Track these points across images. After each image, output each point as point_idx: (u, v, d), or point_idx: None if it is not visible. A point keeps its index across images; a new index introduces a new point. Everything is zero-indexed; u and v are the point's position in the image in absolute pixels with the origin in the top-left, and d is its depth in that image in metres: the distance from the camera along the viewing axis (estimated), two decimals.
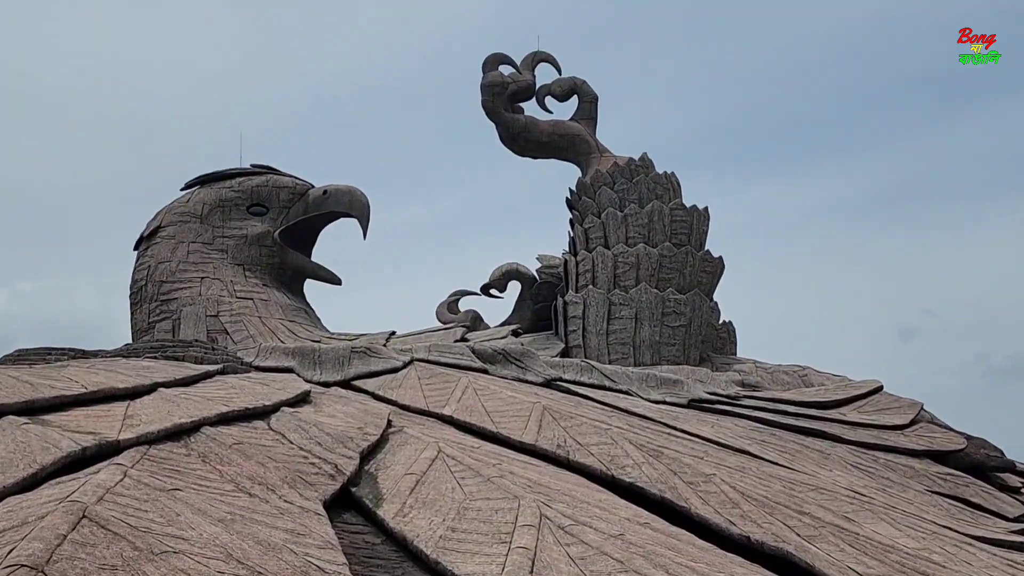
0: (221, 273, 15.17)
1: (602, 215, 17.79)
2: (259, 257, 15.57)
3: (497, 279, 20.67)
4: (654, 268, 16.91)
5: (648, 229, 17.34)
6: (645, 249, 17.05)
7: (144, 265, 15.36)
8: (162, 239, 15.45)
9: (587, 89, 20.05)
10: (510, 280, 20.62)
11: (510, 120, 19.77)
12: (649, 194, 17.90)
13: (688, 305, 16.77)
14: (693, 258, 17.25)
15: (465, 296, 21.46)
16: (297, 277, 16.28)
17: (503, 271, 20.59)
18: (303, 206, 16.06)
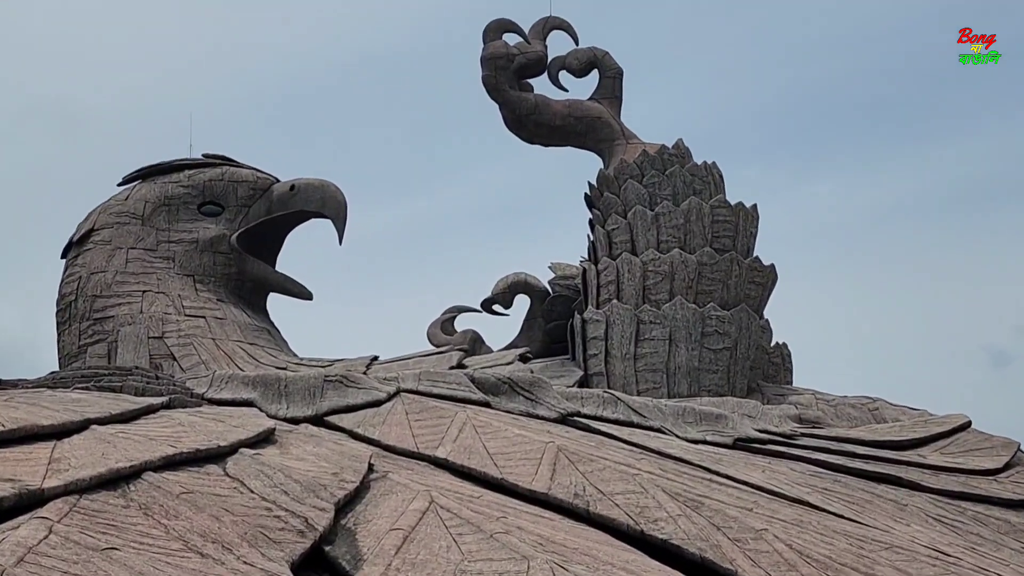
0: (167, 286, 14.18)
1: (628, 214, 16.18)
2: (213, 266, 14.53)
3: (502, 292, 19.35)
4: (692, 279, 15.39)
5: (684, 231, 15.76)
6: (681, 255, 15.49)
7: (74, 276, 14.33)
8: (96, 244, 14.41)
9: (609, 62, 18.38)
10: (517, 293, 19.17)
11: (517, 100, 18.13)
12: (686, 189, 16.26)
13: (733, 324, 15.25)
14: (739, 266, 15.69)
15: (463, 313, 20.04)
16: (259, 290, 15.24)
17: (509, 283, 19.22)
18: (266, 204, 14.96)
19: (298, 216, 15.39)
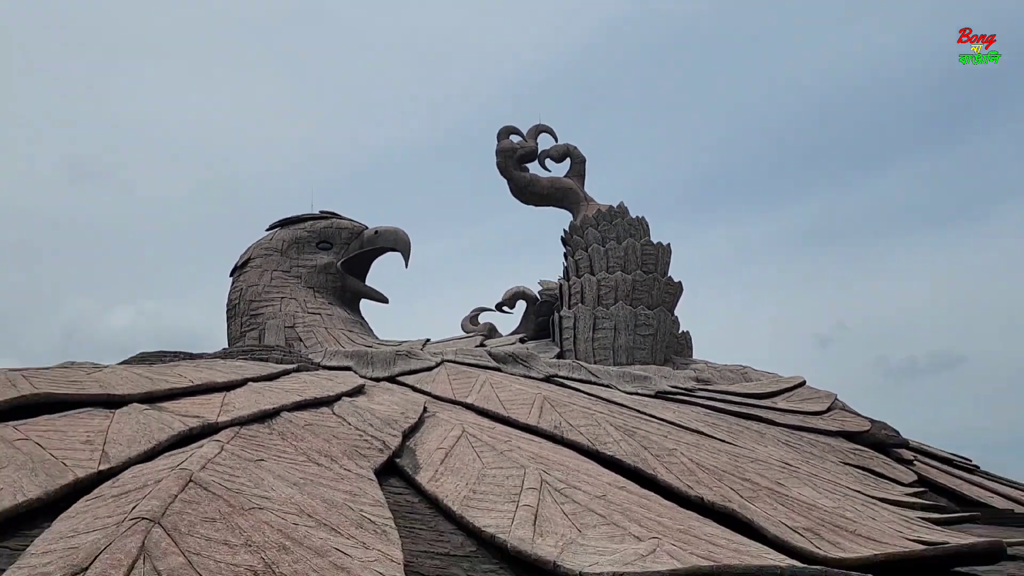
0: (296, 294, 15.38)
1: (588, 250, 19.18)
2: (325, 282, 15.78)
3: (508, 299, 22.50)
4: (629, 290, 18.24)
5: (624, 260, 18.68)
6: (622, 276, 18.38)
7: (237, 288, 15.70)
8: (251, 268, 15.80)
9: (577, 153, 21.25)
10: (518, 299, 22.46)
11: (518, 177, 20.96)
12: (624, 234, 19.14)
13: (655, 319, 18.10)
14: (658, 283, 18.69)
15: (483, 312, 22.99)
16: (354, 297, 16.54)
17: (512, 293, 22.37)
18: (359, 243, 16.44)
19: (379, 250, 17.16)
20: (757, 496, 8.23)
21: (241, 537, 4.36)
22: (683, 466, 8.94)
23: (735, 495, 8.00)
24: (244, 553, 4.11)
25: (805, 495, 8.97)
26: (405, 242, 16.66)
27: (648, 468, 8.62)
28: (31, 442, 6.24)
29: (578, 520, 6.30)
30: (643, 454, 9.19)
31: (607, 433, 10.01)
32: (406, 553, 5.01)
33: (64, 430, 6.90)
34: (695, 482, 8.35)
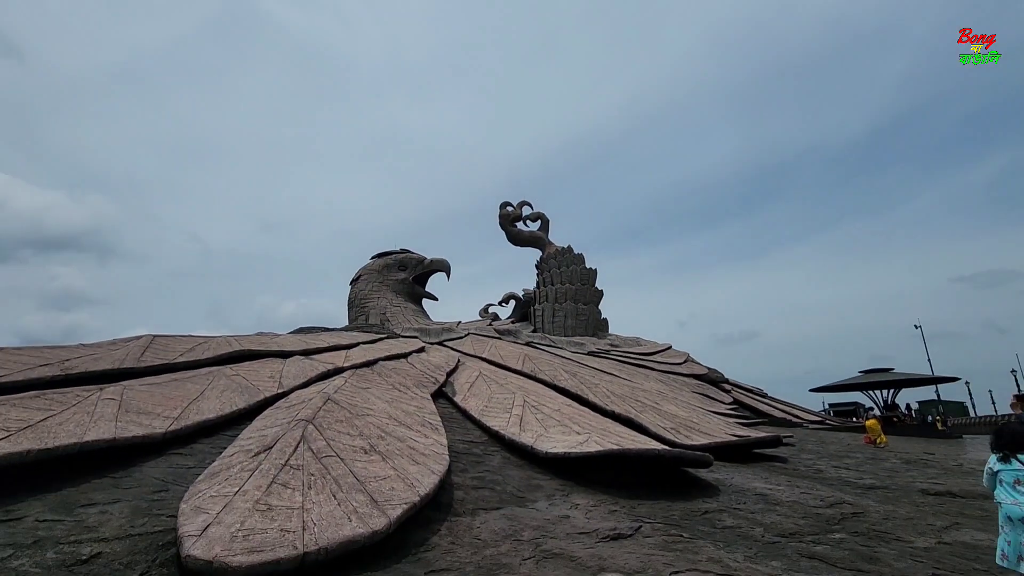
0: (386, 296, 15.13)
1: (550, 272, 18.89)
2: (402, 289, 15.48)
3: (504, 299, 22.45)
4: (572, 295, 17.97)
5: (570, 277, 18.44)
6: (569, 287, 18.18)
7: (354, 291, 15.39)
8: (362, 280, 15.49)
9: (544, 217, 20.86)
10: (510, 299, 22.28)
11: (512, 231, 20.59)
12: (570, 262, 18.86)
13: (587, 311, 17.80)
14: (589, 291, 18.29)
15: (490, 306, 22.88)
16: (418, 298, 16.06)
17: (507, 295, 22.35)
18: (421, 267, 16.10)
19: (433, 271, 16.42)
20: (645, 410, 8.20)
21: (356, 431, 4.34)
22: (603, 393, 8.94)
23: (632, 409, 7.97)
24: (359, 439, 4.09)
25: (671, 410, 8.99)
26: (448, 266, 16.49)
27: (584, 394, 8.56)
28: (240, 376, 6.25)
29: (544, 423, 6.30)
30: (581, 386, 9.15)
31: (561, 374, 9.98)
32: (448, 439, 5.00)
33: (258, 370, 6.86)
34: (610, 402, 8.28)
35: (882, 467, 6.68)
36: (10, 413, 3.57)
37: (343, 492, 2.93)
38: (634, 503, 4.10)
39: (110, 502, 2.98)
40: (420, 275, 16.30)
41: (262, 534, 2.34)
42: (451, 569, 2.60)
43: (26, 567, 2.25)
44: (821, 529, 3.70)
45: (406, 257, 16.31)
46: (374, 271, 15.78)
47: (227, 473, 3.09)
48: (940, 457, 7.89)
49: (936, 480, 5.76)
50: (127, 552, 2.45)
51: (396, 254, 16.36)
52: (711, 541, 3.31)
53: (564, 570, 2.68)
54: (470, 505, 3.67)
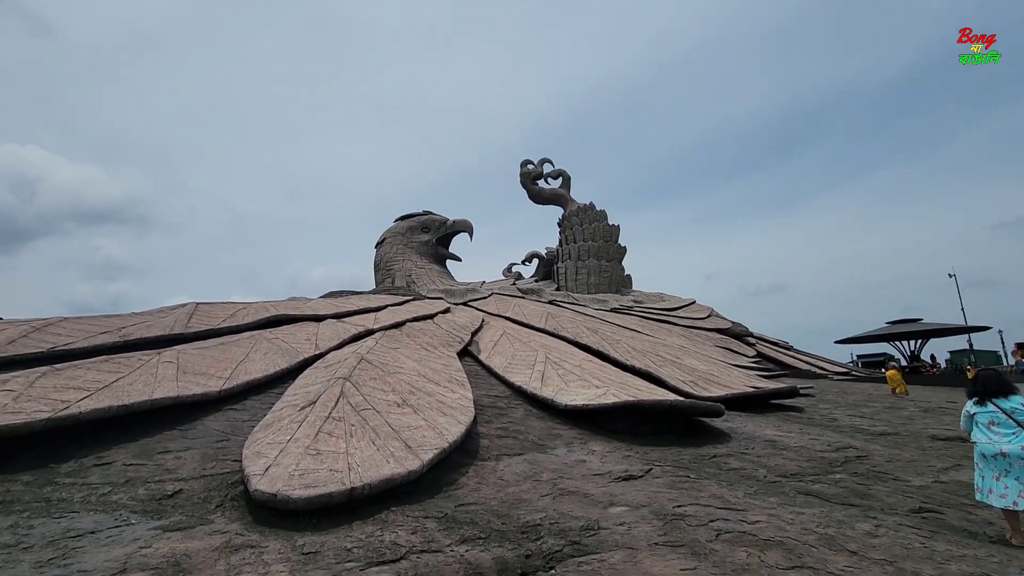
0: (411, 258, 15.36)
1: (572, 230, 18.78)
2: (426, 251, 15.69)
3: (527, 257, 22.42)
4: (595, 252, 17.93)
5: (592, 235, 18.33)
6: (592, 244, 18.09)
7: (380, 254, 15.68)
8: (386, 243, 15.76)
9: (565, 174, 20.63)
10: (533, 257, 22.11)
11: (533, 189, 20.53)
12: (593, 219, 18.73)
13: (610, 268, 17.79)
14: (612, 247, 18.21)
15: (513, 265, 22.91)
16: (442, 258, 16.23)
17: (529, 254, 22.26)
18: (444, 228, 16.29)
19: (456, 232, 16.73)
20: (665, 364, 8.40)
21: (389, 387, 4.74)
22: (624, 349, 9.12)
23: (652, 364, 8.17)
24: (391, 394, 4.48)
25: (692, 363, 9.09)
26: (470, 227, 16.77)
27: (605, 350, 8.78)
28: (280, 340, 6.73)
29: (565, 378, 6.59)
30: (602, 343, 9.36)
31: (583, 331, 10.20)
32: (474, 394, 5.33)
33: (295, 333, 7.34)
34: (630, 357, 8.51)
35: (898, 415, 6.84)
36: (87, 375, 4.07)
37: (381, 439, 3.33)
38: (647, 449, 4.43)
39: (182, 450, 3.46)
40: (443, 236, 16.43)
41: (314, 473, 2.75)
42: (477, 503, 2.98)
43: (124, 500, 2.72)
44: (822, 470, 3.97)
45: (429, 219, 16.47)
46: (398, 234, 15.99)
47: (279, 424, 3.52)
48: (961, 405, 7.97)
49: (949, 427, 5.91)
50: (203, 489, 2.91)
51: (419, 216, 16.54)
52: (715, 481, 3.62)
53: (578, 504, 3.04)
54: (494, 452, 4.05)
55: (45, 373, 3.88)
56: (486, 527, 2.60)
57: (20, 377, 3.72)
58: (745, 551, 2.45)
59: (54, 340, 5.53)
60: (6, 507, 2.58)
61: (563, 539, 2.53)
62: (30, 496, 2.70)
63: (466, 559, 2.25)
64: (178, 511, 2.64)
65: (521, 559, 2.32)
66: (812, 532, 2.71)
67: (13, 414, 3.08)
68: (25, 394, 3.42)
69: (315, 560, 2.16)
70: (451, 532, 2.51)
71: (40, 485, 2.83)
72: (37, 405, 3.29)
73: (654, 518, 2.85)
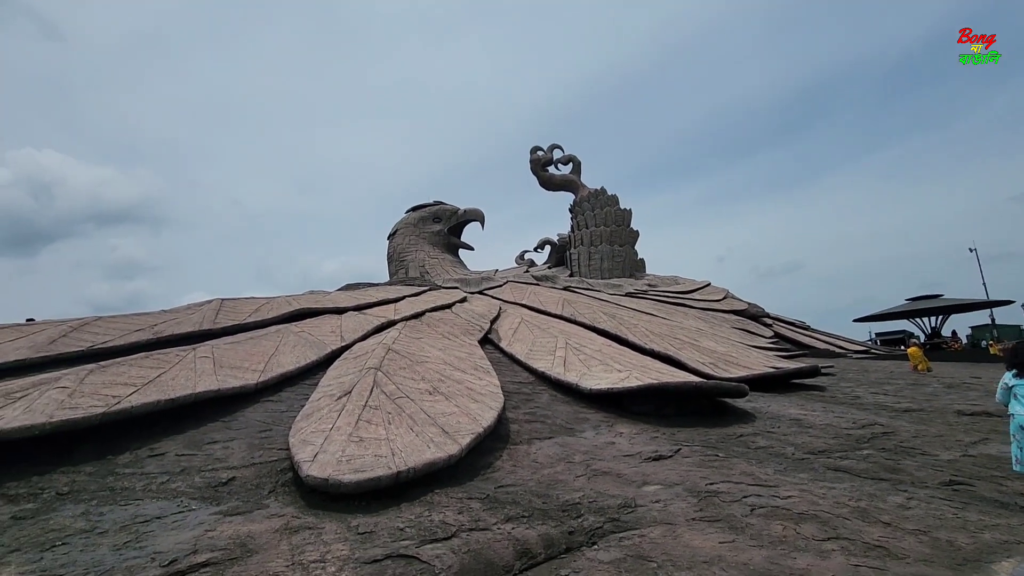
0: (423, 248, 15.34)
1: (584, 215, 18.73)
2: (438, 240, 15.67)
3: (539, 244, 22.42)
4: (608, 237, 17.88)
5: (604, 220, 18.29)
6: (604, 229, 18.05)
7: (392, 245, 15.70)
8: (399, 234, 15.75)
9: (576, 159, 20.53)
10: (545, 244, 22.13)
11: (543, 175, 20.47)
12: (604, 204, 18.64)
13: (623, 252, 17.73)
14: (624, 232, 18.14)
15: (526, 252, 22.92)
16: (454, 248, 16.21)
17: (542, 240, 22.19)
18: (456, 217, 16.23)
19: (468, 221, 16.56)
20: (683, 347, 8.41)
21: (419, 375, 4.86)
22: (642, 332, 9.16)
23: (671, 347, 8.17)
24: (422, 383, 4.60)
25: (710, 345, 9.13)
26: (482, 215, 16.71)
27: (623, 335, 8.83)
28: (306, 333, 6.88)
29: (587, 363, 6.66)
30: (620, 327, 9.39)
31: (600, 317, 10.23)
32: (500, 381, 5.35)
33: (319, 326, 7.49)
34: (648, 340, 8.53)
35: (922, 392, 6.84)
36: (131, 371, 4.24)
37: (418, 426, 3.45)
38: (674, 430, 4.52)
39: (228, 440, 3.61)
40: (455, 226, 16.41)
41: (360, 459, 2.87)
42: (515, 484, 3.09)
43: (182, 488, 2.87)
44: (850, 447, 4.03)
45: (440, 209, 16.45)
46: (410, 224, 16.05)
47: (319, 414, 3.65)
48: (985, 381, 7.90)
49: (975, 402, 5.91)
50: (255, 476, 3.05)
51: (430, 206, 16.54)
52: (744, 459, 3.70)
53: (612, 484, 3.14)
54: (525, 436, 4.16)
55: (92, 370, 4.05)
56: (528, 506, 2.71)
57: (71, 375, 3.89)
58: (780, 524, 2.54)
59: (92, 339, 5.73)
60: (75, 496, 2.74)
61: (602, 516, 2.63)
62: (95, 485, 2.86)
63: (513, 536, 2.36)
64: (234, 497, 2.79)
65: (565, 535, 2.42)
66: (845, 505, 2.78)
67: (71, 409, 3.24)
68: (78, 390, 3.58)
69: (371, 539, 2.28)
70: (495, 511, 2.62)
71: (102, 475, 2.99)
72: (91, 400, 3.45)
73: (688, 495, 2.94)
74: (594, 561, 2.21)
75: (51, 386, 3.62)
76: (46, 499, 2.71)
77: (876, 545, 2.31)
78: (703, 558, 2.19)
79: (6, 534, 2.35)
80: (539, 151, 20.43)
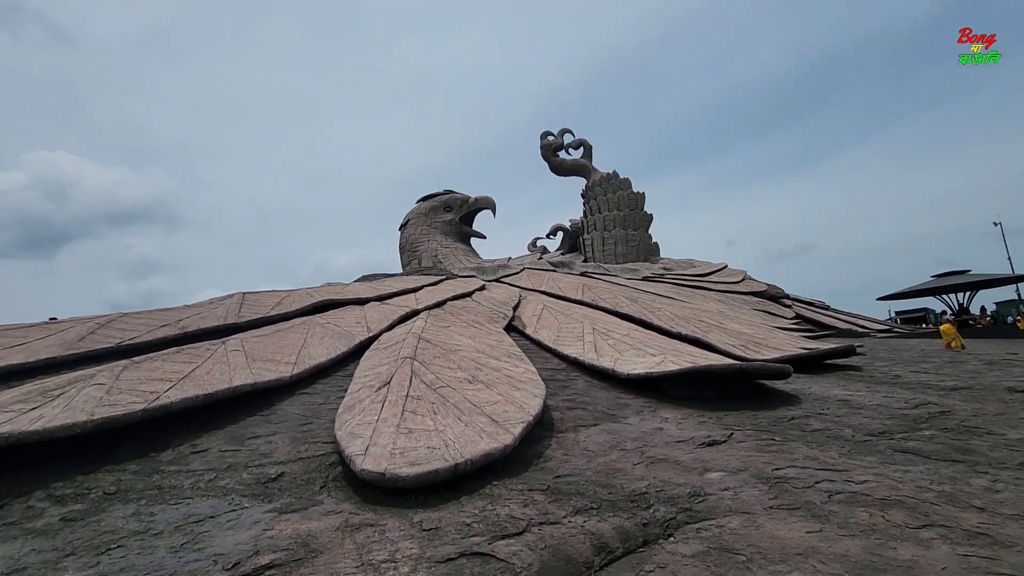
0: (435, 238, 15.25)
1: (597, 199, 18.43)
2: (450, 230, 15.58)
3: (551, 231, 22.01)
4: (621, 221, 17.58)
5: (617, 204, 17.98)
6: (617, 213, 17.74)
7: (404, 236, 15.64)
8: (410, 224, 15.69)
9: (587, 143, 20.20)
10: (558, 230, 21.78)
11: (554, 161, 20.17)
12: (617, 188, 18.31)
13: (637, 237, 17.43)
14: (638, 216, 17.81)
15: (538, 239, 22.63)
16: (466, 237, 16.16)
17: (554, 227, 21.92)
18: (467, 206, 16.09)
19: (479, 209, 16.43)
20: (710, 330, 8.21)
21: (454, 364, 4.73)
22: (667, 316, 8.97)
23: (698, 330, 7.97)
24: (459, 372, 4.47)
25: (736, 328, 8.89)
26: (493, 204, 16.52)
27: (647, 319, 8.68)
28: (332, 324, 6.79)
29: (617, 348, 6.50)
30: (643, 311, 9.22)
31: (621, 301, 10.07)
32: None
33: (344, 317, 7.40)
34: (675, 324, 8.34)
35: (963, 369, 6.62)
36: (164, 366, 4.15)
37: (466, 416, 3.32)
38: (720, 414, 4.36)
39: (269, 434, 3.50)
40: (466, 215, 16.26)
41: (414, 451, 2.75)
42: (573, 474, 2.96)
43: (231, 485, 2.76)
44: (909, 428, 3.85)
45: (451, 198, 16.28)
46: (421, 214, 15.89)
47: (360, 406, 3.54)
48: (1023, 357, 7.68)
49: (1022, 378, 5.70)
50: (303, 471, 2.94)
51: (441, 196, 16.36)
52: (803, 443, 3.54)
53: (673, 471, 3.00)
54: (570, 423, 4.03)
55: (126, 367, 3.96)
56: (594, 497, 2.57)
57: (105, 371, 3.80)
58: (866, 511, 2.38)
59: (120, 335, 5.66)
60: (123, 495, 2.64)
61: (673, 506, 2.49)
62: (142, 484, 2.76)
63: (587, 529, 2.22)
64: (285, 493, 2.68)
65: (640, 527, 2.28)
66: (928, 490, 2.62)
67: (111, 406, 3.14)
68: (115, 387, 3.49)
69: (439, 536, 2.15)
70: (562, 503, 2.49)
71: (148, 474, 2.89)
72: (129, 397, 3.35)
73: (757, 482, 2.79)
74: (676, 555, 2.07)
75: (87, 383, 3.53)
76: (94, 499, 2.61)
77: (978, 532, 2.14)
78: (795, 550, 2.04)
79: (58, 537, 2.25)
80: (550, 136, 20.09)
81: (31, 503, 2.58)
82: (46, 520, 2.41)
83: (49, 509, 2.52)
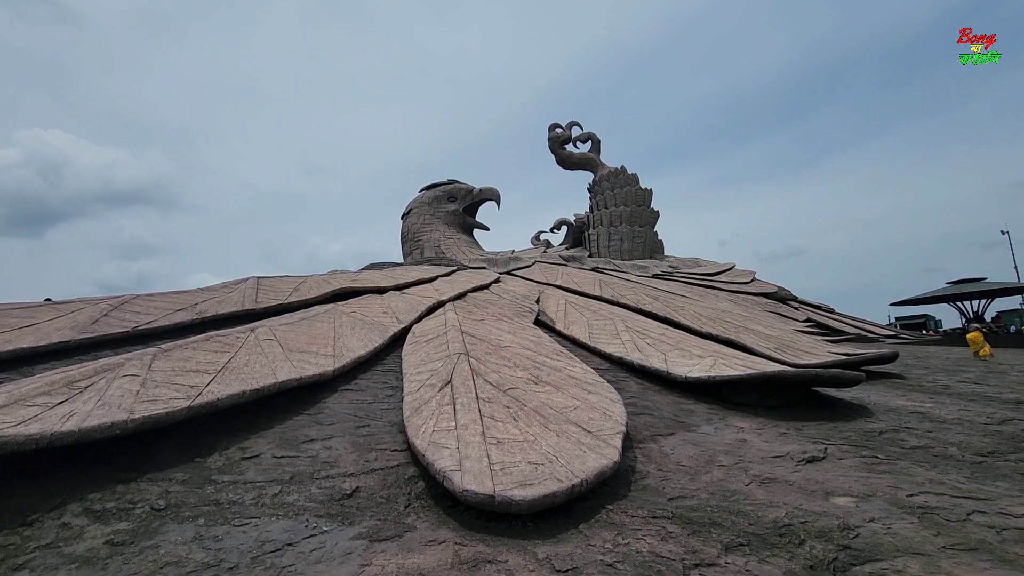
0: (438, 228, 14.79)
1: (604, 194, 17.90)
2: (453, 220, 15.14)
3: (555, 225, 21.44)
4: (628, 217, 17.06)
5: (624, 199, 17.49)
6: (624, 209, 17.24)
7: (406, 225, 15.16)
8: (413, 214, 15.18)
9: (595, 137, 19.70)
10: (562, 225, 21.17)
11: (562, 153, 19.57)
12: (624, 184, 17.82)
13: (643, 233, 16.90)
14: (645, 212, 17.32)
15: (542, 233, 22.01)
16: (469, 228, 15.73)
17: (558, 221, 21.29)
18: (471, 196, 15.67)
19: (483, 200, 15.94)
20: (739, 332, 7.79)
21: (510, 362, 4.32)
22: (692, 315, 8.60)
23: (726, 331, 7.57)
24: (518, 371, 4.07)
25: (760, 329, 8.52)
26: (497, 195, 16.01)
27: (673, 317, 8.29)
28: (358, 314, 6.31)
29: (659, 348, 6.13)
30: (667, 310, 8.86)
31: (643, 299, 9.70)
32: None
33: (368, 306, 6.92)
34: (701, 324, 7.96)
35: (1007, 380, 6.38)
36: (197, 356, 3.68)
37: (553, 424, 2.91)
38: (797, 425, 4.01)
39: (325, 438, 3.07)
40: (470, 205, 15.89)
41: (515, 467, 2.34)
42: (687, 496, 2.57)
43: (301, 502, 2.33)
44: (1015, 447, 3.54)
45: (455, 188, 15.87)
46: (424, 204, 15.46)
47: (428, 409, 3.12)
48: None
49: None
50: (380, 486, 2.51)
51: (444, 185, 15.92)
52: (912, 462, 3.20)
53: (796, 495, 2.62)
54: (644, 432, 3.64)
55: (156, 355, 3.49)
56: (734, 529, 2.19)
57: (135, 360, 3.32)
58: None
59: (135, 319, 5.16)
60: (175, 512, 2.20)
61: (828, 542, 2.12)
62: (195, 498, 2.32)
63: (755, 574, 1.84)
64: (367, 515, 2.25)
65: (806, 570, 1.91)
66: None
67: (151, 402, 2.69)
68: (149, 379, 3.03)
69: None
70: (703, 537, 2.10)
71: (198, 484, 2.45)
72: (168, 391, 2.89)
73: (900, 511, 2.43)
74: None
75: (117, 374, 3.06)
76: (141, 516, 2.17)
77: None
78: None
79: (108, 569, 1.81)
80: (558, 128, 19.56)
81: (65, 519, 2.14)
82: (88, 544, 1.97)
83: (89, 528, 2.08)
